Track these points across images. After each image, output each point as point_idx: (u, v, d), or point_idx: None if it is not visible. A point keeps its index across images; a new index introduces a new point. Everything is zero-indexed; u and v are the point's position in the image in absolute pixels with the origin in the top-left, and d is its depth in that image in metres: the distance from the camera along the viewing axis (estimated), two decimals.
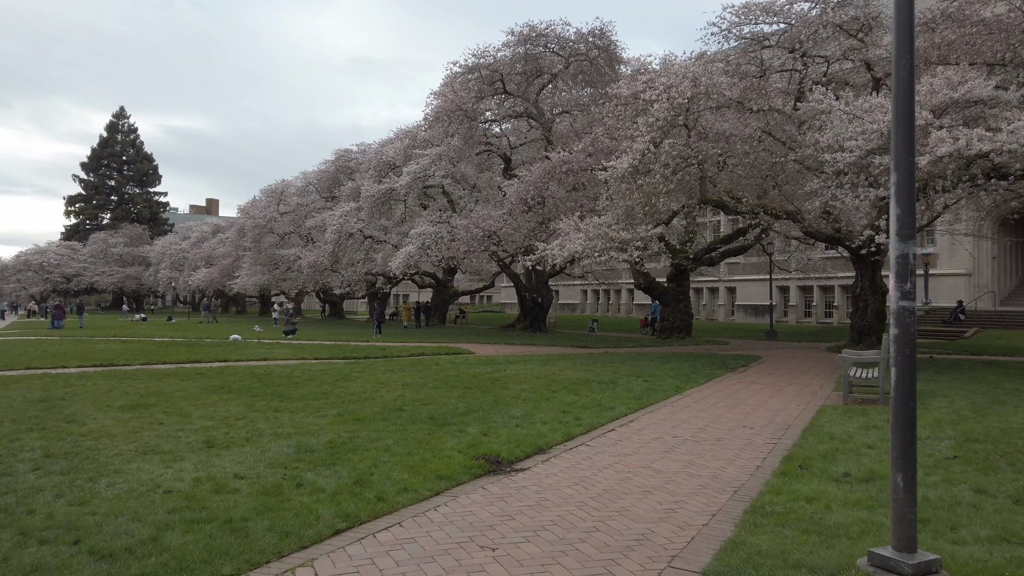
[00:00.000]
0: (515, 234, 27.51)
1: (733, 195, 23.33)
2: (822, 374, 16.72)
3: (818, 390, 13.57)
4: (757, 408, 11.20)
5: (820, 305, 46.44)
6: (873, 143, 14.98)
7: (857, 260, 23.17)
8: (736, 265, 50.67)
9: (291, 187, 58.49)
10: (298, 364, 18.04)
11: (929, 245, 38.54)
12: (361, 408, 10.75)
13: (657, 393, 12.79)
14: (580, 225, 20.81)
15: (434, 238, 31.62)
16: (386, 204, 36.55)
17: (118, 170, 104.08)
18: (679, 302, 29.74)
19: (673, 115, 19.15)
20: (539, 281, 38.02)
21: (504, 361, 18.91)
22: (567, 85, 31.85)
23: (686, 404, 11.63)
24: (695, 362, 18.92)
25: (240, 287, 61.03)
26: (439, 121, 30.94)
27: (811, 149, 17.47)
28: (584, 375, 15.48)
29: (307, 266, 46.87)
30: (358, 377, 14.96)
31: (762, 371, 17.29)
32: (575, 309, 68.32)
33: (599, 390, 13.15)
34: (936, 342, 29.50)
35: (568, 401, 11.66)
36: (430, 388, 13.24)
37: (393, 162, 37.58)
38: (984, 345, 26.34)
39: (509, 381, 14.36)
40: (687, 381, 14.67)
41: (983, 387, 13.39)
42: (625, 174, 18.95)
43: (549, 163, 25.59)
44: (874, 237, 16.76)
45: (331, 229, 37.38)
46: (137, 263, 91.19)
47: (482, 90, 30.54)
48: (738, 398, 12.39)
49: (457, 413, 10.30)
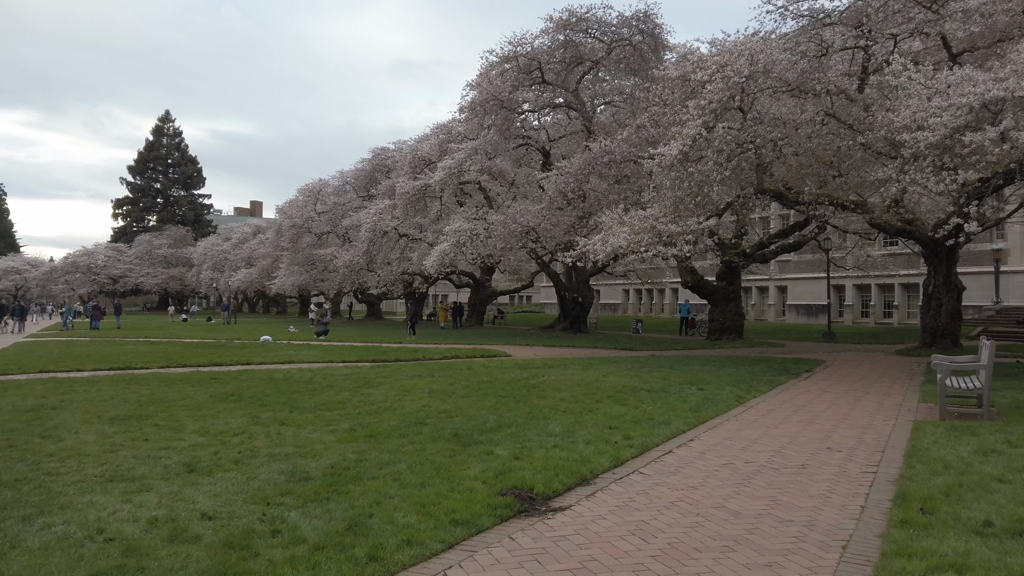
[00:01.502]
0: (554, 230, 26.03)
1: (790, 185, 21.50)
2: (899, 381, 14.89)
3: (902, 401, 11.82)
4: (838, 423, 9.55)
5: (879, 305, 43.90)
6: (961, 119, 13.13)
7: (930, 255, 21.13)
8: (787, 263, 48.32)
9: (328, 186, 57.91)
10: (321, 368, 16.87)
11: (999, 240, 35.88)
12: (378, 421, 9.42)
13: (716, 404, 11.21)
14: (624, 218, 19.25)
15: (469, 235, 30.32)
16: (421, 201, 35.40)
17: (163, 173, 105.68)
18: (730, 301, 27.89)
19: (728, 96, 17.48)
20: (579, 280, 36.48)
21: (542, 365, 17.47)
22: (609, 73, 30.26)
23: (752, 418, 10.04)
24: (752, 367, 17.22)
25: (278, 287, 60.77)
26: (474, 113, 29.61)
27: (883, 131, 15.63)
28: (630, 382, 13.95)
29: (343, 266, 46.10)
30: (382, 383, 13.68)
31: (830, 377, 15.52)
32: (616, 309, 66.48)
33: (649, 400, 11.62)
34: (1014, 344, 27.15)
35: (614, 414, 10.17)
36: (459, 397, 11.87)
37: (428, 158, 36.41)
38: None
39: (547, 389, 12.91)
40: (748, 390, 13.03)
41: None
42: (674, 161, 17.34)
43: (590, 154, 24.07)
44: (963, 226, 14.83)
45: (365, 227, 36.38)
46: (181, 264, 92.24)
47: (519, 80, 29.12)
48: (811, 411, 10.74)
49: (486, 428, 8.89)
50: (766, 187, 19.47)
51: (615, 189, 25.02)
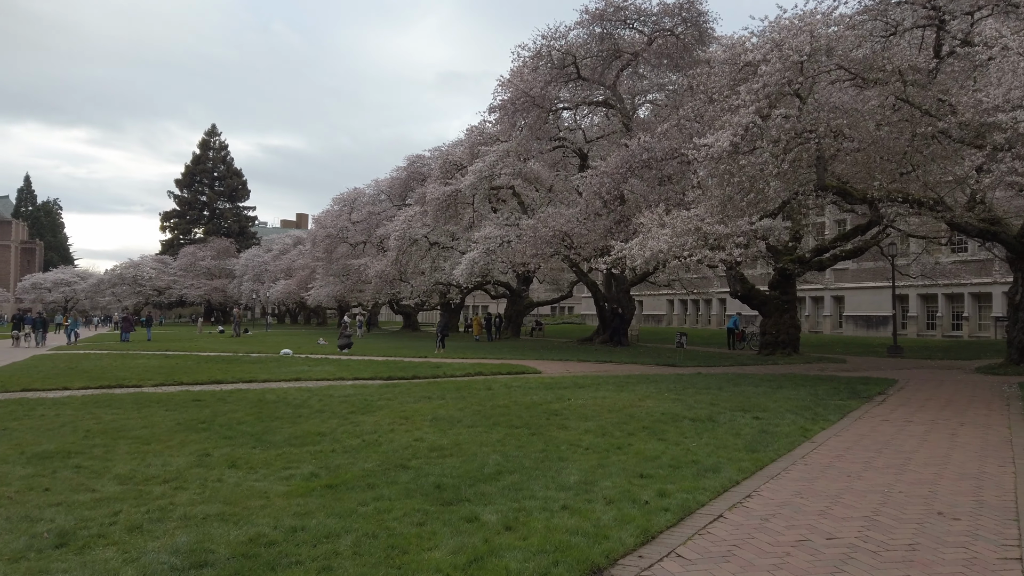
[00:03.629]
0: (589, 235, 24.00)
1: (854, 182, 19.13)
2: (995, 407, 12.49)
3: (1010, 436, 9.52)
4: (940, 470, 7.38)
5: (947, 316, 40.62)
6: None
7: (1018, 259, 18.50)
8: (844, 271, 45.32)
9: (363, 195, 56.85)
10: (324, 388, 15.17)
11: None
12: (350, 463, 7.58)
13: (776, 440, 9.09)
14: (665, 219, 17.17)
15: (500, 242, 28.48)
16: (451, 207, 33.75)
17: (209, 186, 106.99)
18: (784, 312, 25.45)
19: (785, 80, 15.33)
20: (619, 290, 34.33)
21: (571, 385, 15.47)
22: (649, 68, 28.18)
23: (824, 461, 7.91)
24: (814, 388, 14.93)
25: (313, 299, 59.93)
26: (505, 113, 27.81)
27: (970, 113, 13.29)
28: (671, 407, 11.87)
29: (375, 276, 44.78)
30: (382, 407, 11.87)
31: (909, 402, 13.18)
32: (660, 321, 63.88)
33: (693, 433, 9.56)
34: None
35: (649, 453, 8.15)
36: (464, 427, 9.98)
37: (459, 162, 34.79)
38: None
39: (571, 416, 10.94)
40: (813, 419, 10.84)
41: None
42: (723, 153, 15.24)
43: (627, 151, 22.03)
44: None
45: (394, 235, 34.88)
46: (224, 276, 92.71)
47: (553, 76, 27.23)
48: (899, 449, 8.55)
49: (482, 476, 6.98)
50: (828, 183, 17.17)
51: (656, 191, 22.91)
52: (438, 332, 29.03)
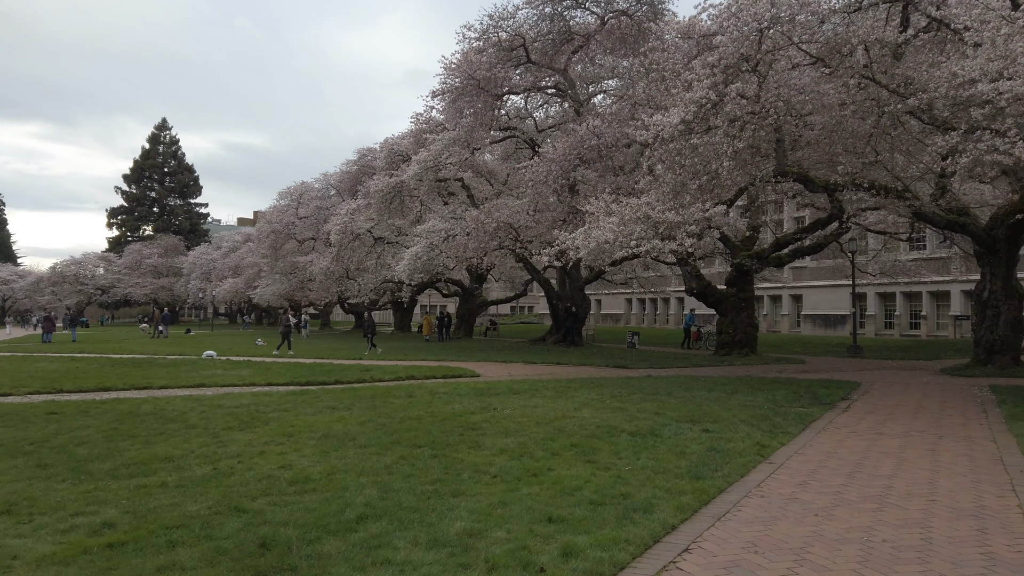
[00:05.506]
0: (537, 226, 22.36)
1: (814, 171, 17.82)
2: (970, 414, 11.17)
3: (997, 452, 8.11)
4: (926, 504, 5.85)
5: (904, 315, 40.00)
6: None
7: (987, 254, 17.37)
8: (803, 269, 44.53)
9: (311, 189, 54.50)
10: (219, 396, 13.26)
11: None
12: (174, 504, 5.78)
13: (727, 460, 7.52)
14: (612, 207, 15.60)
15: (445, 236, 26.67)
16: (397, 200, 31.85)
17: (159, 181, 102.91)
18: (741, 311, 24.14)
19: (741, 55, 13.89)
20: (573, 288, 32.80)
21: (505, 391, 13.79)
22: (603, 52, 26.62)
23: (786, 492, 6.34)
24: (772, 392, 13.49)
25: (259, 297, 57.43)
26: (451, 98, 26.02)
27: (944, 87, 11.94)
28: (610, 418, 10.26)
29: (319, 273, 42.64)
30: (270, 421, 10.04)
31: (876, 408, 11.79)
32: (618, 320, 62.70)
33: (629, 452, 7.95)
34: None
35: (569, 482, 6.50)
36: (355, 447, 8.22)
37: (406, 152, 32.91)
38: None
39: (490, 431, 9.24)
40: (771, 431, 9.33)
41: None
42: (675, 133, 13.72)
43: (576, 137, 20.44)
44: None
45: (335, 229, 32.83)
46: (171, 274, 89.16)
47: (500, 58, 25.54)
48: (874, 473, 7.04)
49: (337, 524, 5.24)
50: (788, 168, 15.78)
51: (607, 180, 21.37)
52: (366, 333, 27.02)
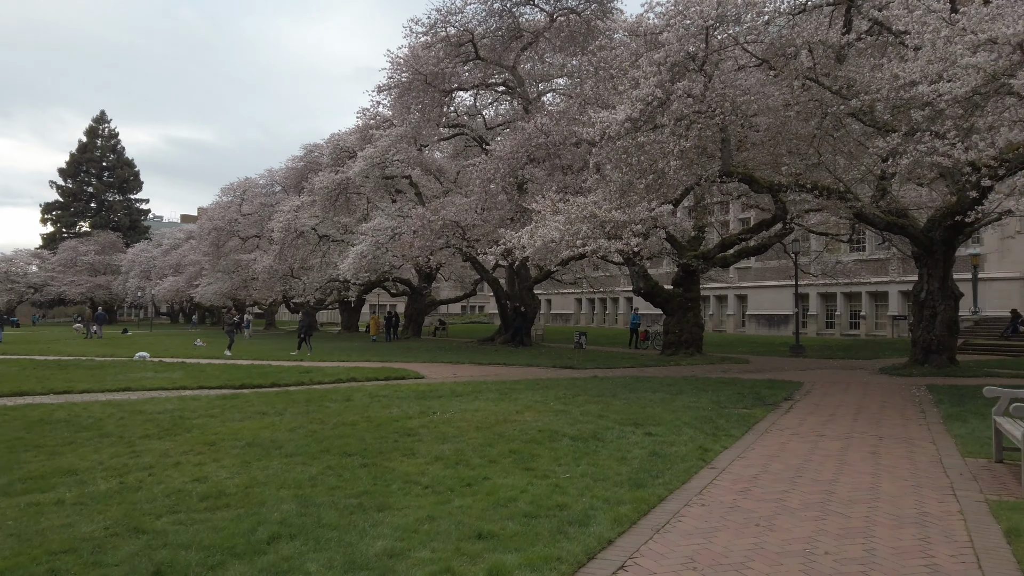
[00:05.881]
0: (484, 225, 22.01)
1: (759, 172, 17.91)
2: (909, 414, 11.24)
3: (937, 454, 8.08)
4: (869, 511, 5.70)
5: (845, 315, 40.91)
6: (1003, 62, 9.53)
7: (924, 255, 17.69)
8: (748, 270, 45.22)
9: (255, 185, 53.06)
10: (143, 400, 12.55)
11: (975, 244, 33.08)
12: (68, 524, 5.25)
13: (669, 465, 7.30)
14: (559, 205, 15.35)
15: (391, 234, 26.10)
16: (342, 197, 31.10)
17: (97, 176, 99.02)
18: (687, 311, 24.23)
19: (687, 54, 13.78)
20: (522, 288, 32.56)
21: (448, 393, 13.40)
22: (553, 50, 26.41)
23: (728, 500, 6.12)
24: (716, 393, 13.42)
25: (200, 296, 55.68)
26: (398, 92, 25.43)
27: (886, 88, 12.00)
28: (552, 422, 9.98)
29: (262, 271, 41.51)
30: (193, 428, 9.46)
31: (818, 409, 11.79)
32: (568, 320, 62.80)
33: (570, 458, 7.67)
34: (1001, 359, 24.06)
35: (504, 493, 6.16)
36: (280, 456, 7.74)
37: (352, 149, 32.17)
38: None
39: (427, 437, 8.86)
40: (714, 434, 9.17)
41: None
42: (622, 130, 13.53)
43: (524, 135, 20.16)
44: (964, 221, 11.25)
45: (278, 227, 31.90)
46: (109, 272, 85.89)
47: (448, 54, 25.08)
48: (816, 478, 6.89)
49: (246, 546, 4.80)
50: (733, 168, 15.76)
51: (556, 178, 21.13)
52: (300, 333, 26.17)
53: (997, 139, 9.65)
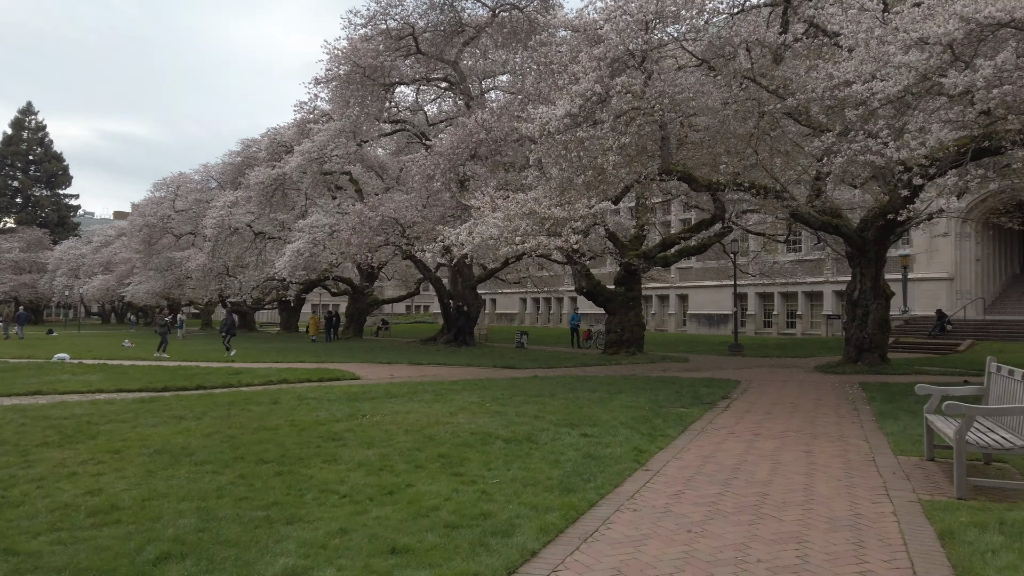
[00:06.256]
0: (425, 222, 21.54)
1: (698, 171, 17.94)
2: (843, 412, 11.29)
3: (870, 452, 8.03)
4: (803, 513, 5.54)
5: (782, 314, 41.77)
6: (934, 61, 9.60)
7: (858, 254, 18.00)
8: (689, 270, 45.81)
9: (189, 180, 51.22)
10: (52, 404, 11.73)
11: (905, 245, 34.11)
12: None
13: (603, 468, 7.04)
14: (498, 202, 15.04)
15: (329, 231, 25.37)
16: (278, 193, 30.16)
17: (23, 170, 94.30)
18: (629, 310, 24.23)
19: (626, 50, 13.63)
20: (465, 287, 32.17)
21: (382, 395, 12.93)
22: (496, 46, 26.08)
23: (660, 505, 5.88)
24: (655, 392, 13.31)
25: (131, 295, 53.52)
26: (336, 85, 24.72)
27: (822, 86, 12.05)
28: (487, 423, 9.65)
29: (196, 269, 40.07)
30: (99, 435, 8.79)
31: (754, 408, 11.76)
32: (513, 319, 62.66)
33: (501, 461, 7.34)
34: (928, 357, 24.80)
35: (427, 501, 5.80)
36: (189, 464, 7.20)
37: (289, 144, 31.24)
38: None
39: (353, 441, 8.41)
40: (651, 435, 8.98)
41: None
42: (561, 126, 13.29)
43: (464, 131, 19.78)
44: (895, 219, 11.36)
45: (210, 223, 30.74)
46: (35, 270, 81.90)
47: (389, 47, 24.50)
48: (750, 479, 6.73)
49: (131, 569, 4.32)
50: (673, 167, 15.71)
51: (497, 175, 20.82)
52: (223, 333, 25.17)
53: (928, 138, 9.73)
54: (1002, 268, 34.99)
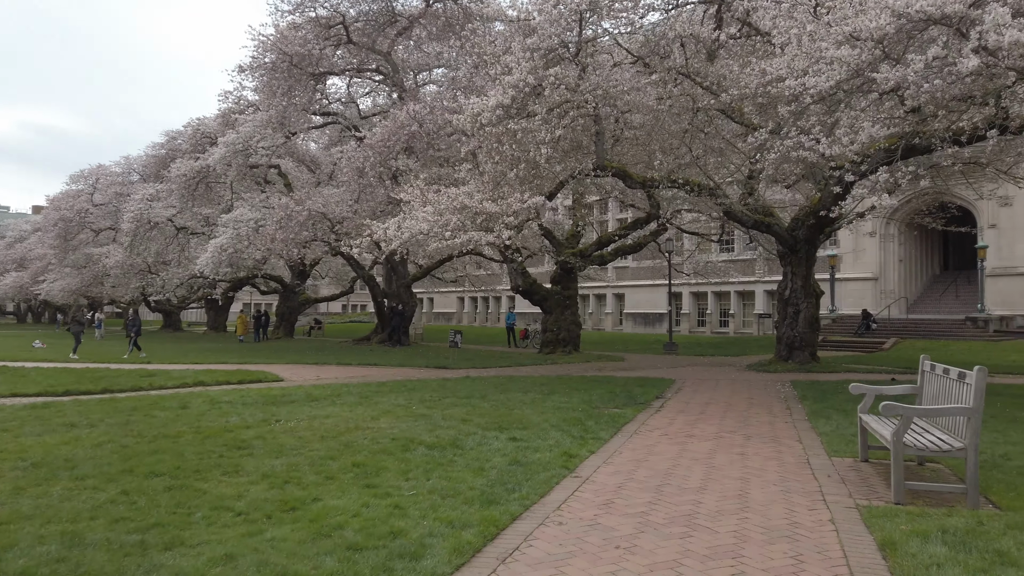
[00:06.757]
0: (356, 217, 20.74)
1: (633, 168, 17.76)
2: (776, 411, 11.16)
3: (804, 454, 7.81)
4: (739, 524, 5.19)
5: (715, 313, 42.35)
6: (866, 56, 9.50)
7: (789, 253, 18.11)
8: (625, 269, 46.05)
9: (108, 173, 48.70)
10: None
11: (832, 246, 34.94)
12: None
13: (530, 475, 6.58)
14: (429, 196, 14.46)
15: (255, 226, 24.26)
16: (202, 186, 28.79)
17: None
18: (565, 309, 23.97)
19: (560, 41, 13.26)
20: (400, 285, 31.42)
21: (302, 398, 12.20)
22: (430, 36, 25.42)
23: (587, 517, 5.45)
24: (589, 392, 12.98)
25: (46, 293, 50.66)
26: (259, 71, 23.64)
27: (755, 82, 11.91)
28: (410, 427, 9.09)
29: (114, 266, 38.09)
30: None
31: (688, 407, 11.53)
32: (451, 319, 61.98)
33: (421, 470, 6.80)
34: (855, 355, 25.37)
35: (332, 518, 5.22)
36: (70, 479, 6.42)
37: (214, 135, 29.87)
38: (912, 358, 22.06)
39: (261, 450, 7.74)
40: (582, 437, 8.58)
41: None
42: (493, 117, 12.81)
43: (395, 123, 19.10)
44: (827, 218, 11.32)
45: (128, 217, 29.13)
46: None
47: (319, 36, 23.57)
48: (683, 485, 6.37)
49: None
50: (607, 163, 15.42)
51: (433, 170, 20.20)
52: (129, 332, 23.83)
53: (860, 135, 9.64)
54: (924, 268, 36.22)
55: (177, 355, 23.66)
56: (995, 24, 7.75)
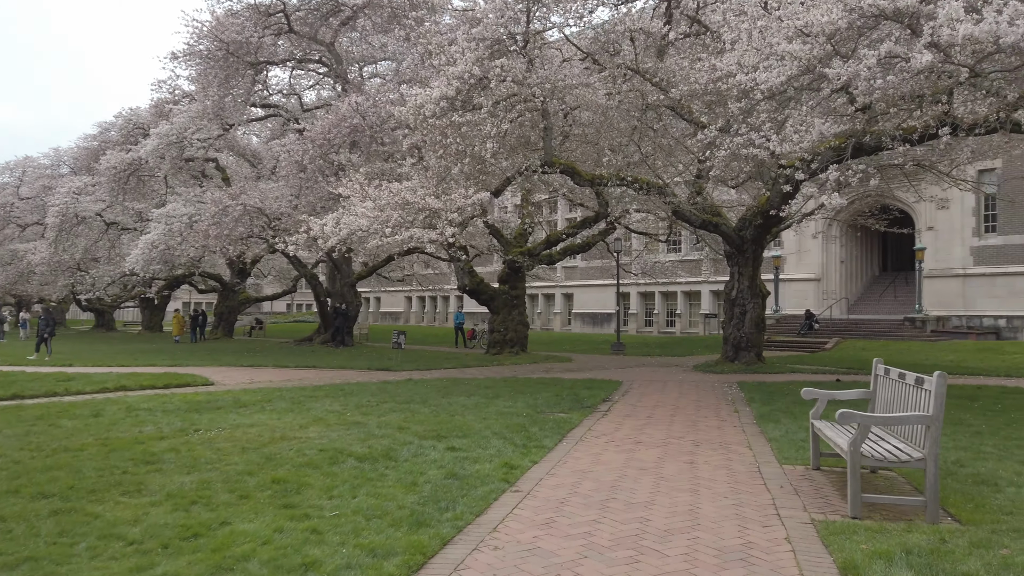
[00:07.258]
0: (296, 213, 19.89)
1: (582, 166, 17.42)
2: (723, 413, 10.91)
3: (755, 462, 7.49)
4: (689, 545, 4.78)
5: (662, 313, 42.52)
6: (817, 51, 9.27)
7: (736, 254, 18.00)
8: (574, 270, 45.91)
9: (37, 165, 46.35)
10: None
11: (777, 247, 35.36)
12: None
13: (466, 490, 6.07)
14: (368, 191, 13.81)
15: (189, 221, 23.12)
16: (133, 179, 27.41)
17: None
18: (513, 309, 23.52)
19: (507, 32, 12.78)
20: (343, 284, 30.54)
21: (229, 404, 11.44)
22: (375, 28, 24.65)
23: (526, 539, 4.96)
24: (535, 396, 12.53)
25: None
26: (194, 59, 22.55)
27: (705, 77, 11.63)
28: (342, 436, 8.48)
29: (40, 263, 36.10)
30: None
31: (635, 410, 11.18)
32: (398, 319, 61.00)
33: (347, 486, 6.22)
34: (799, 355, 25.59)
35: (239, 547, 4.62)
36: None
37: (146, 126, 28.50)
38: (854, 358, 22.39)
39: (172, 464, 7.04)
40: (525, 446, 8.11)
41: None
42: (437, 109, 12.24)
43: (336, 115, 18.35)
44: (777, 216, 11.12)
45: (53, 211, 27.56)
46: None
47: (258, 24, 22.60)
48: (630, 500, 5.95)
49: None
50: (555, 160, 15.01)
51: (376, 165, 19.48)
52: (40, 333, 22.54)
53: (810, 132, 9.41)
54: (864, 269, 36.96)
55: (104, 357, 22.38)
56: (948, 19, 7.56)
